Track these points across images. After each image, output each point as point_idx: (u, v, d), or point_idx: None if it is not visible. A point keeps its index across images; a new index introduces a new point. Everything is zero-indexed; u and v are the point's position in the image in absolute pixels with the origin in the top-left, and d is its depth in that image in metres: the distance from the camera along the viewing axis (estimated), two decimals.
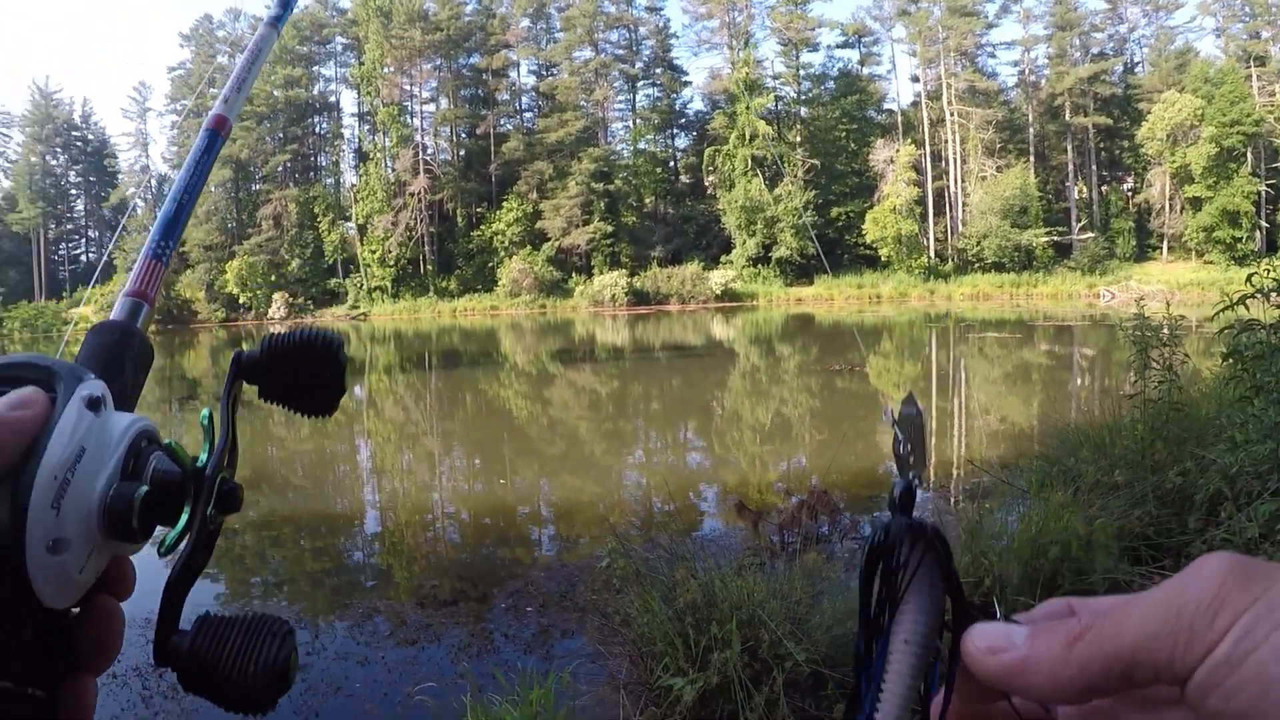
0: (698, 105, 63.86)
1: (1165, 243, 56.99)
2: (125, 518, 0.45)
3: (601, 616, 4.83)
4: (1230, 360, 5.58)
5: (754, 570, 4.38)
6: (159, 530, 0.48)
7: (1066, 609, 0.40)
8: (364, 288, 58.16)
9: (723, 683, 3.55)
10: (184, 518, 0.47)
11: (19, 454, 0.42)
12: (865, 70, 61.94)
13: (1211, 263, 51.85)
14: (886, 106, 62.25)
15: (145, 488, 0.46)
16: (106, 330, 0.55)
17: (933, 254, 55.09)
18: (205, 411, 0.51)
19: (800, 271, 53.34)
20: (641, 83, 61.77)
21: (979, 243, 53.06)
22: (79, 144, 71.91)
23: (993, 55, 64.01)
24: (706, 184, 57.66)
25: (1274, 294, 5.22)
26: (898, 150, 54.30)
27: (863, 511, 7.50)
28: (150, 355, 0.58)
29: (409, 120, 60.47)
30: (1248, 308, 5.30)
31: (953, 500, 7.83)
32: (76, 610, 0.46)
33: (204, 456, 0.48)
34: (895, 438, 0.48)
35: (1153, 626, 0.33)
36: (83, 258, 77.45)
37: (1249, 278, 5.18)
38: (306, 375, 0.55)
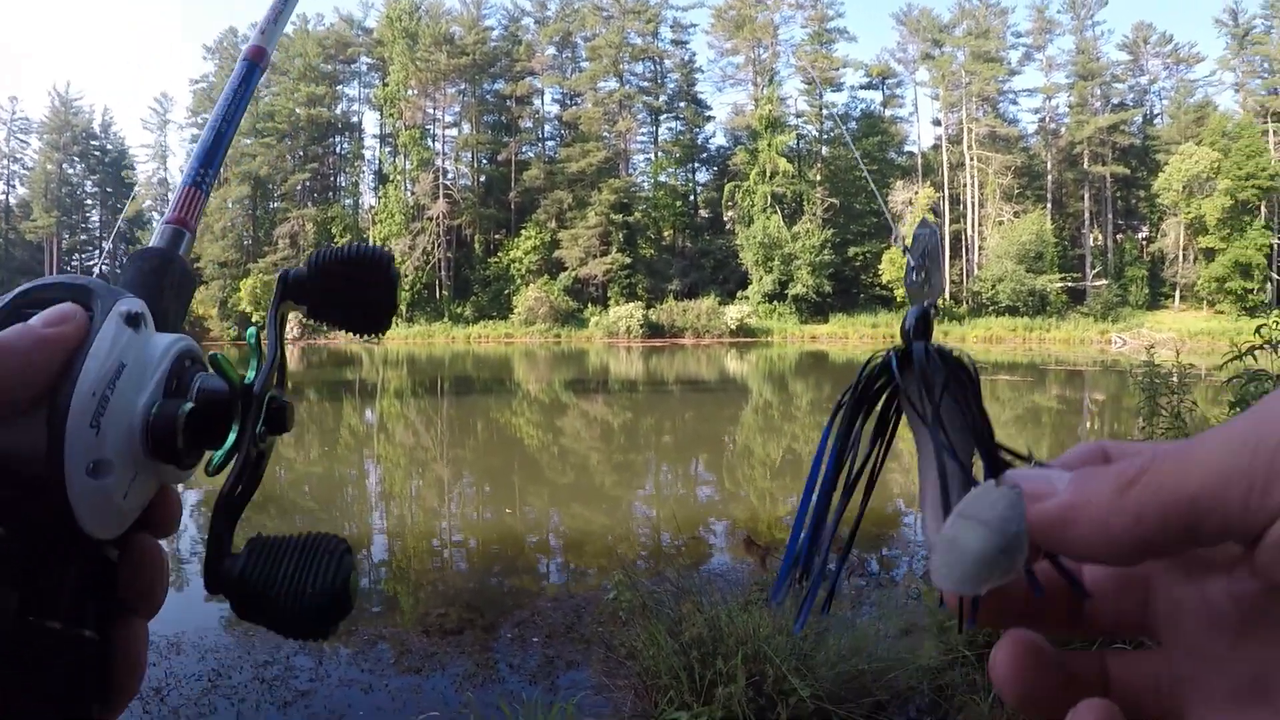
0: (719, 140, 65.24)
1: (1178, 291, 58.08)
2: (170, 436, 0.43)
3: (606, 649, 4.85)
4: (1237, 409, 5.54)
5: (760, 605, 4.42)
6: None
7: (1100, 453, 0.37)
8: None
9: (727, 717, 3.62)
10: (232, 436, 0.46)
11: (56, 373, 0.40)
12: (888, 112, 63.54)
13: (1222, 312, 53.14)
14: (907, 148, 63.67)
15: (190, 404, 0.44)
16: (145, 256, 0.54)
17: (948, 296, 55.69)
18: (252, 330, 0.50)
19: (816, 309, 54.46)
20: (664, 115, 62.89)
21: (994, 286, 54.25)
22: (97, 153, 73.01)
23: (1014, 102, 65.41)
24: (725, 219, 58.85)
25: None
26: (917, 192, 55.22)
27: (871, 550, 7.67)
28: (192, 283, 0.57)
29: (430, 144, 61.60)
30: (1255, 358, 5.44)
31: None
32: (116, 553, 0.44)
33: (251, 374, 0.48)
34: (907, 263, 0.46)
35: (1224, 467, 0.29)
36: (96, 269, 76.97)
37: (1258, 329, 5.36)
38: (356, 291, 0.54)
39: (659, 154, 62.16)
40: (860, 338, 51.13)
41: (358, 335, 0.57)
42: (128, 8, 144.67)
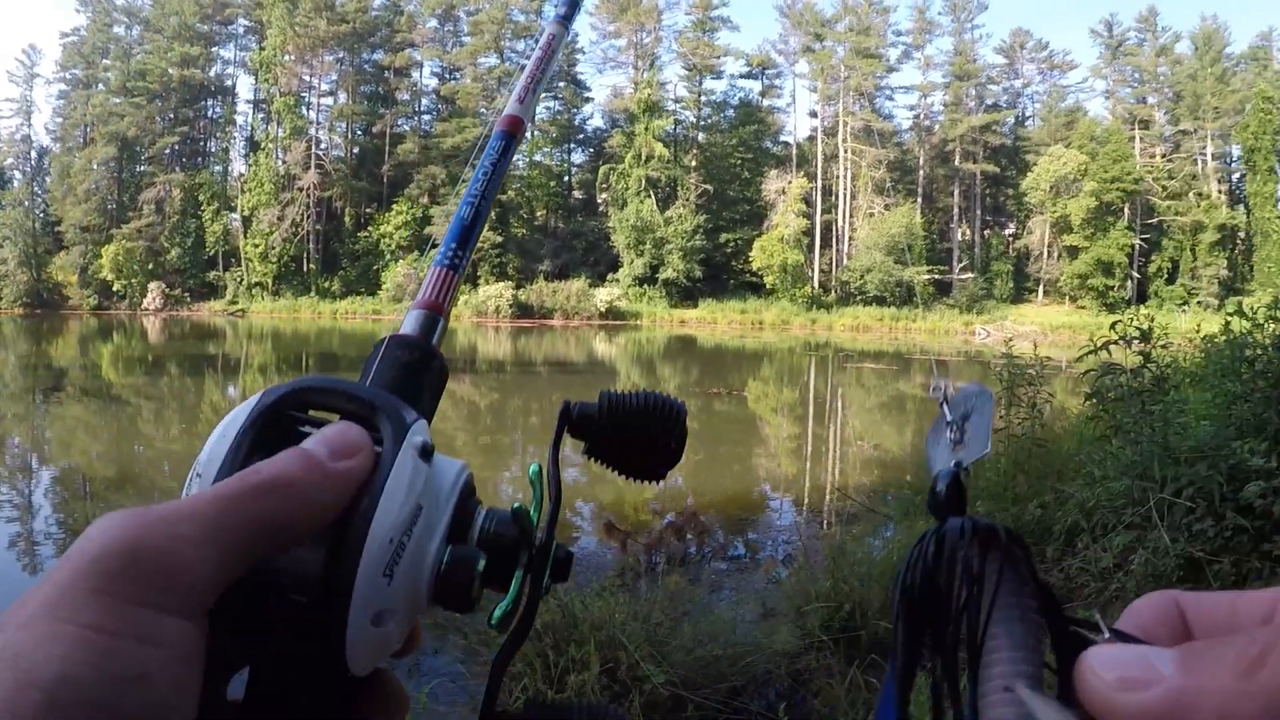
0: (597, 122, 65.30)
1: (1041, 286, 60.27)
2: (465, 588, 0.41)
3: (459, 635, 4.83)
4: (1092, 401, 6.13)
5: (617, 591, 4.40)
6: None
7: (1174, 609, 0.33)
8: (244, 283, 57.56)
9: None
10: (514, 586, 0.44)
11: (341, 510, 0.38)
12: (765, 102, 64.26)
13: (1084, 308, 55.18)
14: (783, 138, 64.52)
15: (484, 558, 0.42)
16: (406, 346, 0.50)
17: (816, 284, 57.29)
18: (535, 467, 0.48)
19: (685, 293, 55.01)
20: (543, 95, 61.93)
21: (862, 276, 55.45)
22: None
23: (890, 98, 67.12)
24: (599, 201, 58.89)
25: (1136, 341, 5.68)
26: (790, 182, 56.04)
27: (736, 533, 7.74)
28: (445, 378, 0.52)
29: (305, 112, 60.32)
30: (1110, 353, 5.72)
31: (825, 524, 8.09)
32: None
33: (534, 515, 0.46)
34: (942, 418, 0.42)
35: None
36: None
37: (1113, 325, 5.65)
38: (646, 440, 0.52)
39: (535, 133, 61.89)
40: (729, 323, 51.85)
41: (630, 479, 0.54)
42: None
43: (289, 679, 0.39)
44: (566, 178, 63.66)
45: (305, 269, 57.82)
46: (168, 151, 62.59)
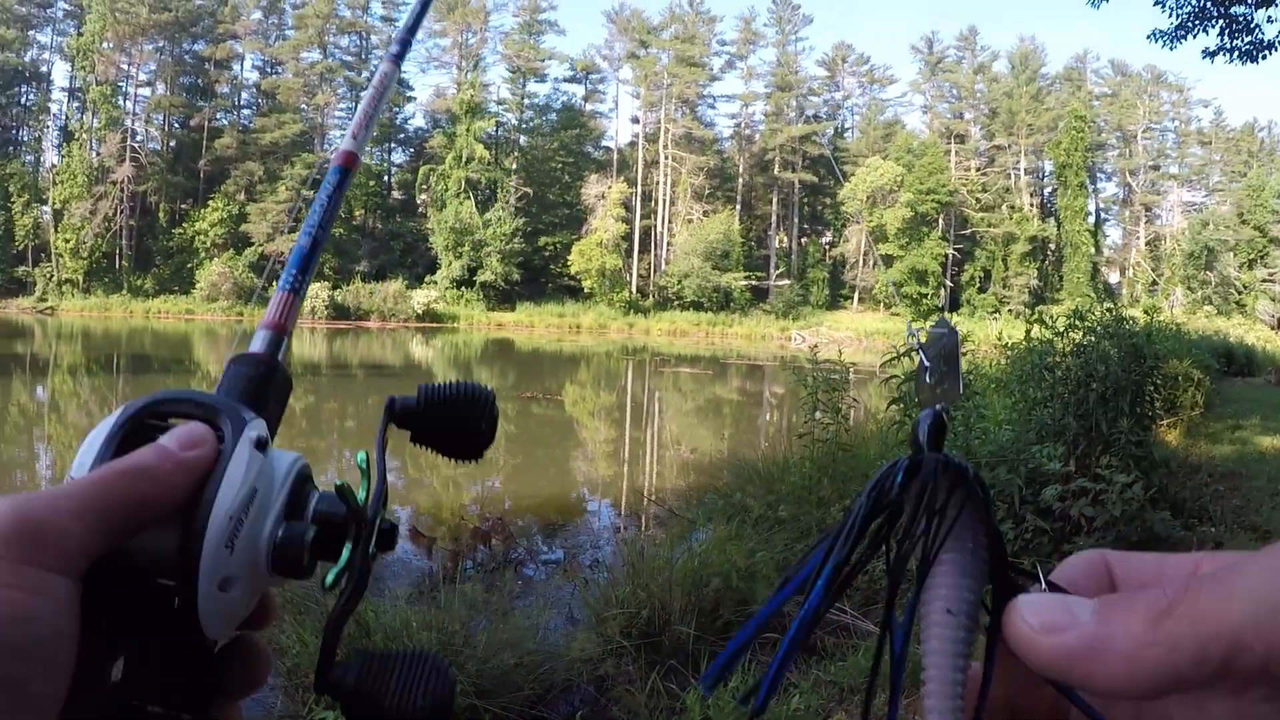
0: (419, 122, 66.06)
1: (857, 293, 63.51)
2: (296, 557, 0.47)
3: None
4: (898, 405, 6.34)
5: (417, 599, 4.49)
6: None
7: (1102, 565, 0.36)
8: (54, 279, 56.21)
9: None
10: (345, 555, 0.49)
11: (190, 492, 0.44)
12: (588, 106, 65.81)
13: (898, 314, 57.99)
14: (604, 143, 66.13)
15: (314, 528, 0.49)
16: (251, 363, 0.56)
17: (635, 289, 59.02)
18: (362, 454, 0.53)
19: (503, 296, 56.16)
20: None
21: (680, 281, 57.45)
22: None
23: (713, 106, 69.53)
24: (418, 202, 59.52)
25: None
26: (610, 187, 57.62)
27: (551, 538, 7.88)
28: (289, 388, 0.59)
29: (121, 102, 59.06)
30: (912, 359, 5.88)
31: (641, 528, 8.14)
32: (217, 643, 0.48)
33: (362, 495, 0.51)
34: (921, 363, 0.44)
35: (1272, 600, 0.27)
36: None
37: (911, 331, 6.65)
38: (460, 424, 0.59)
39: None
40: (546, 327, 52.86)
41: (452, 459, 0.61)
42: None
43: (156, 651, 0.46)
44: (386, 177, 64.21)
45: (118, 266, 56.96)
46: None
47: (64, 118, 62.25)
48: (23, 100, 63.85)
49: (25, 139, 63.99)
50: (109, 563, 0.42)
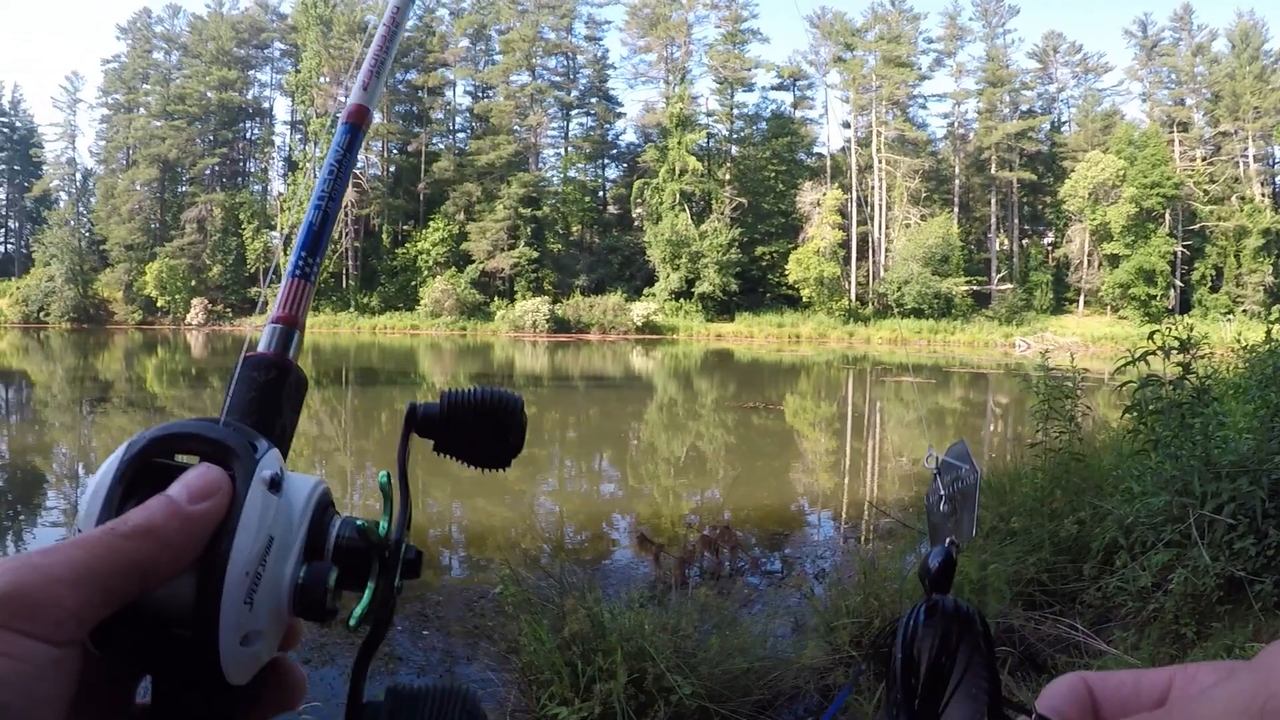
0: (630, 137, 66.07)
1: (1082, 297, 59.78)
2: (319, 601, 0.45)
3: (490, 643, 5.01)
4: (1132, 414, 6.00)
5: (648, 603, 4.46)
6: None
7: (1081, 688, 0.38)
8: None
9: (607, 713, 3.64)
10: (369, 591, 0.47)
11: (204, 546, 0.42)
12: (798, 113, 64.56)
13: (1126, 318, 54.86)
14: (816, 150, 64.67)
15: (336, 570, 0.46)
16: (260, 366, 0.53)
17: (853, 297, 57.27)
18: (384, 474, 0.50)
19: (721, 307, 55.30)
20: (576, 111, 63.60)
21: (899, 288, 55.30)
22: (5, 130, 71.83)
23: (924, 106, 67.02)
24: (634, 216, 59.47)
25: (1175, 351, 5.49)
26: (824, 194, 56.13)
27: (771, 548, 7.73)
28: (304, 390, 0.56)
29: None
30: (1149, 364, 5.61)
31: (862, 540, 8.09)
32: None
33: (385, 523, 0.48)
34: (933, 491, 0.44)
35: None
36: (1, 248, 76.42)
37: (1151, 335, 5.55)
38: (488, 433, 0.55)
39: (569, 149, 62.79)
40: (765, 337, 51.91)
41: (480, 469, 0.57)
42: None
43: (181, 685, 0.44)
44: (601, 193, 64.56)
45: (345, 285, 59.02)
46: (208, 172, 64.46)
47: (287, 149, 65.67)
48: (248, 135, 67.62)
49: (253, 170, 67.72)
50: (125, 611, 0.40)
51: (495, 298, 55.88)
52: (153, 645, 0.42)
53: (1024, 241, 63.99)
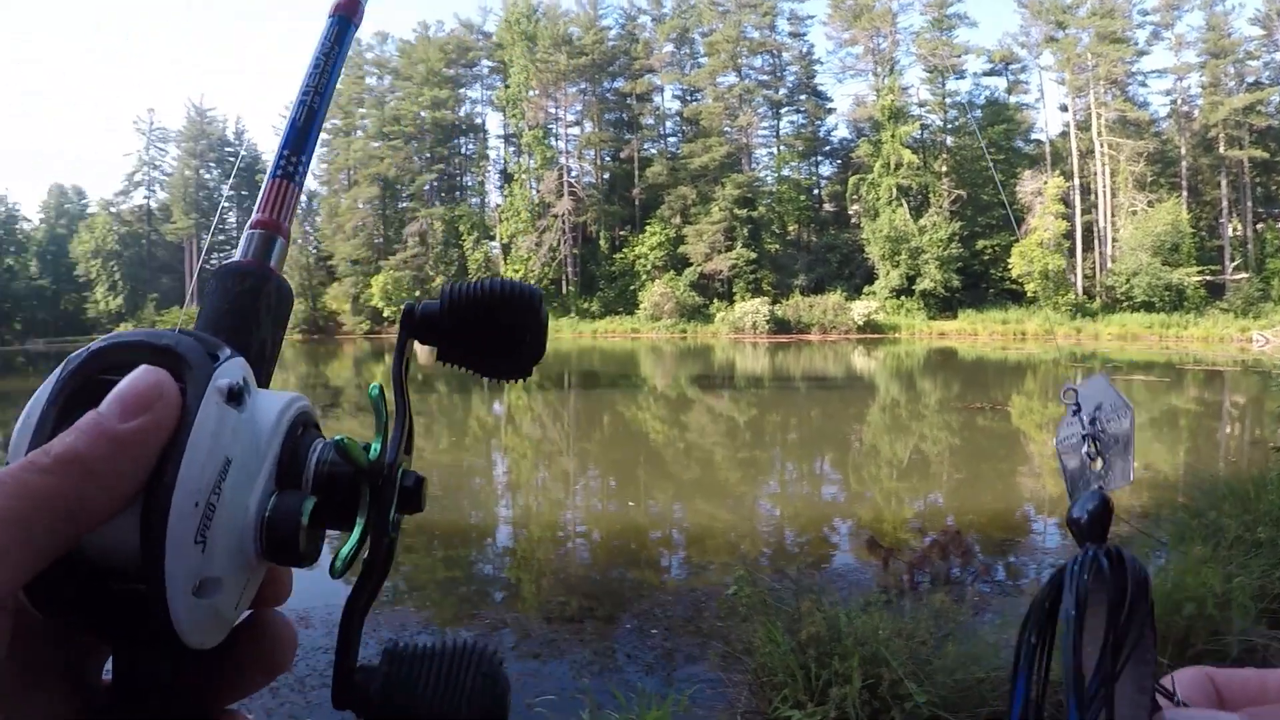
0: (842, 132, 65.27)
1: None
2: (290, 540, 0.38)
3: (724, 643, 4.91)
4: None
5: (881, 607, 4.38)
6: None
7: (1206, 681, 0.38)
8: None
9: (840, 718, 3.60)
10: (359, 527, 0.41)
11: (147, 472, 0.35)
12: (1013, 98, 62.56)
13: None
14: (1034, 136, 62.60)
15: (313, 500, 0.40)
16: (234, 274, 0.47)
17: (1080, 290, 55.29)
18: (375, 386, 0.44)
19: (944, 305, 54.47)
20: (785, 109, 63.51)
21: (1128, 280, 53.27)
22: (231, 159, 77.22)
23: (1144, 84, 63.94)
24: (850, 213, 59.09)
25: None
26: (1045, 182, 54.43)
27: (997, 555, 7.55)
28: (289, 301, 0.50)
29: (553, 143, 63.49)
30: None
31: None
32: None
33: (376, 444, 0.42)
34: (1069, 432, 0.42)
35: None
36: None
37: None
38: (500, 333, 0.47)
39: (781, 148, 62.77)
40: (989, 334, 50.86)
41: (495, 380, 0.50)
42: (253, 23, 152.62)
43: (138, 651, 0.38)
44: (816, 190, 64.26)
45: (564, 291, 60.78)
46: (426, 188, 67.58)
47: (502, 161, 68.30)
48: (463, 150, 70.59)
49: (469, 184, 70.57)
50: (60, 563, 0.34)
51: (714, 299, 56.46)
52: (96, 602, 0.36)
53: (1259, 226, 60.52)
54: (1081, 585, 0.38)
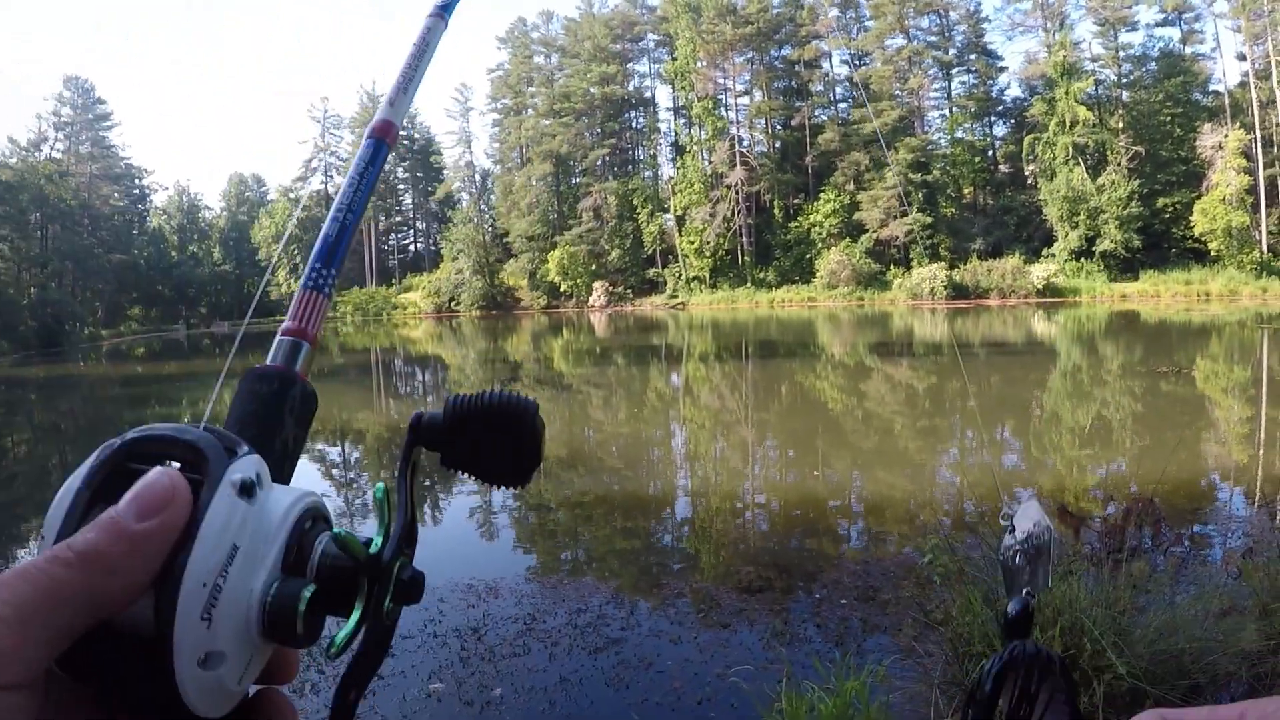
0: (1015, 91, 64.74)
1: None
2: (289, 622, 0.42)
3: (922, 613, 4.98)
4: None
5: (1077, 577, 4.34)
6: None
7: None
8: (682, 278, 63.38)
9: None
10: (356, 614, 0.44)
11: (160, 564, 0.39)
12: (1188, 49, 61.35)
13: None
14: (1212, 88, 61.32)
15: (311, 587, 0.43)
16: (262, 378, 0.52)
17: (1265, 248, 54.32)
18: (380, 487, 0.47)
19: (1125, 266, 54.18)
20: (956, 69, 63.56)
21: None
22: (406, 143, 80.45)
23: None
24: (1026, 173, 59.05)
25: None
26: (1225, 135, 53.70)
27: (1185, 525, 7.50)
28: (313, 405, 0.53)
29: (724, 113, 65.05)
30: None
31: (1278, 519, 7.62)
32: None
33: (378, 540, 0.46)
34: (1008, 545, 0.47)
35: None
36: (410, 247, 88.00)
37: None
38: (497, 444, 0.51)
39: (953, 109, 62.92)
40: (1172, 296, 50.08)
41: (494, 486, 0.54)
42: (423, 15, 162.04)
43: (149, 717, 0.41)
44: (990, 152, 64.22)
45: (740, 261, 62.60)
46: (599, 163, 70.27)
47: (673, 134, 70.21)
48: (634, 124, 72.92)
49: (641, 157, 72.92)
50: (92, 633, 0.38)
51: (891, 266, 57.58)
52: (116, 671, 0.39)
53: None
54: (997, 672, 0.45)
